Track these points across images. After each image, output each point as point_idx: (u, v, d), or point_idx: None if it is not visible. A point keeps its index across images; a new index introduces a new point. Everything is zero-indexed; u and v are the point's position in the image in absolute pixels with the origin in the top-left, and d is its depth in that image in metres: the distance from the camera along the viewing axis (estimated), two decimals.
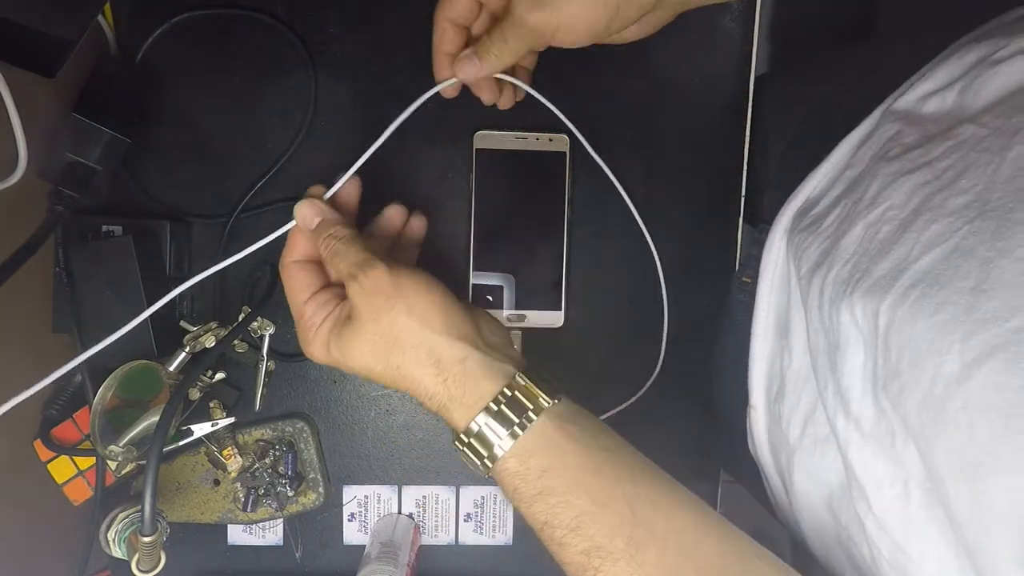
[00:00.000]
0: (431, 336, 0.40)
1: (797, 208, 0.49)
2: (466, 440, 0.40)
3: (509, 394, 0.40)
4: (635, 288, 0.61)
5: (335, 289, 0.45)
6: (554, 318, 0.60)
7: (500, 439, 0.39)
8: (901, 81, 0.47)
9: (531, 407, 0.39)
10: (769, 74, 0.61)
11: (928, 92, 0.45)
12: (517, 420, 0.39)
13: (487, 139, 0.58)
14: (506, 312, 0.59)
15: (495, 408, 0.39)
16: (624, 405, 0.61)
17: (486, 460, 0.40)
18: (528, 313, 0.60)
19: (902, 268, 0.37)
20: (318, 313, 0.43)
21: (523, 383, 0.40)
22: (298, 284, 0.44)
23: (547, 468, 0.39)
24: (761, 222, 0.57)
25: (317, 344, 0.43)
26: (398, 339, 0.40)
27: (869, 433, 0.38)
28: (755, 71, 0.60)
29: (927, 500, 0.36)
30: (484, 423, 0.39)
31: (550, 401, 0.40)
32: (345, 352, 0.41)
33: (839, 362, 0.40)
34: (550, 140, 0.58)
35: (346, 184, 0.46)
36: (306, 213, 0.44)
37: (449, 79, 0.46)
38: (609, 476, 0.39)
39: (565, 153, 0.58)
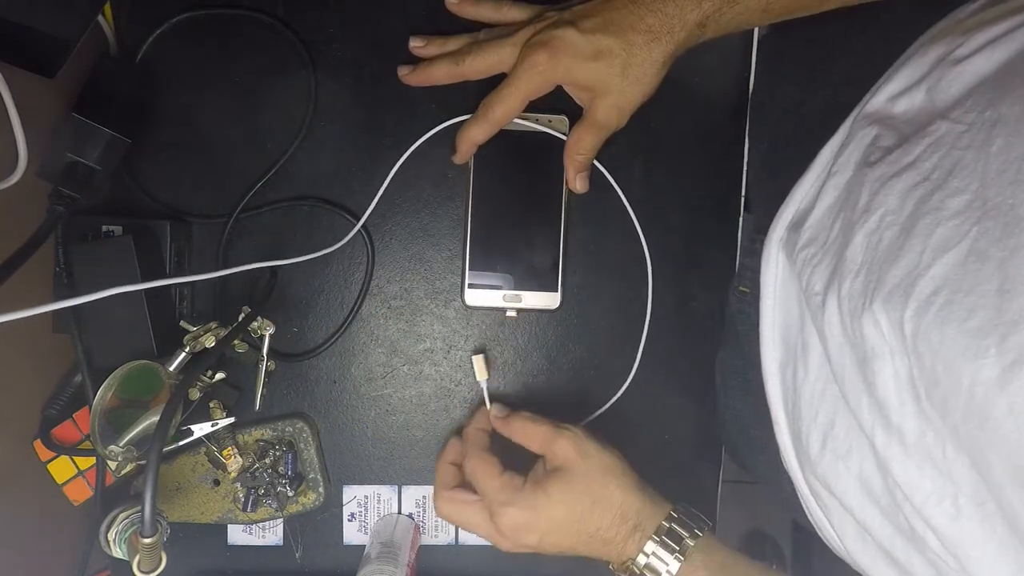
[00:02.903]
0: (629, 468, 0.52)
1: (789, 221, 0.49)
2: (667, 526, 0.49)
3: (683, 510, 0.50)
4: (632, 278, 0.61)
5: None
6: (550, 299, 0.59)
7: (686, 536, 0.48)
8: (874, 81, 0.47)
9: (700, 523, 0.50)
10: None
11: (896, 93, 0.44)
12: (704, 520, 0.50)
13: None
14: (502, 293, 0.59)
15: (679, 512, 0.50)
16: (612, 401, 0.61)
17: (687, 539, 0.48)
18: (524, 294, 0.59)
19: (917, 274, 0.36)
20: (517, 477, 0.52)
21: (683, 510, 0.50)
22: (490, 463, 0.53)
23: (724, 562, 0.48)
24: (755, 231, 0.57)
25: (524, 497, 0.50)
26: (610, 469, 0.50)
27: (913, 445, 0.37)
28: (755, 71, 0.60)
29: (980, 515, 0.35)
30: (673, 523, 0.49)
31: (709, 521, 0.50)
32: (551, 497, 0.49)
33: (871, 375, 0.39)
34: (550, 121, 0.58)
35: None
36: (496, 410, 0.57)
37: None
38: None
39: (565, 133, 0.58)
